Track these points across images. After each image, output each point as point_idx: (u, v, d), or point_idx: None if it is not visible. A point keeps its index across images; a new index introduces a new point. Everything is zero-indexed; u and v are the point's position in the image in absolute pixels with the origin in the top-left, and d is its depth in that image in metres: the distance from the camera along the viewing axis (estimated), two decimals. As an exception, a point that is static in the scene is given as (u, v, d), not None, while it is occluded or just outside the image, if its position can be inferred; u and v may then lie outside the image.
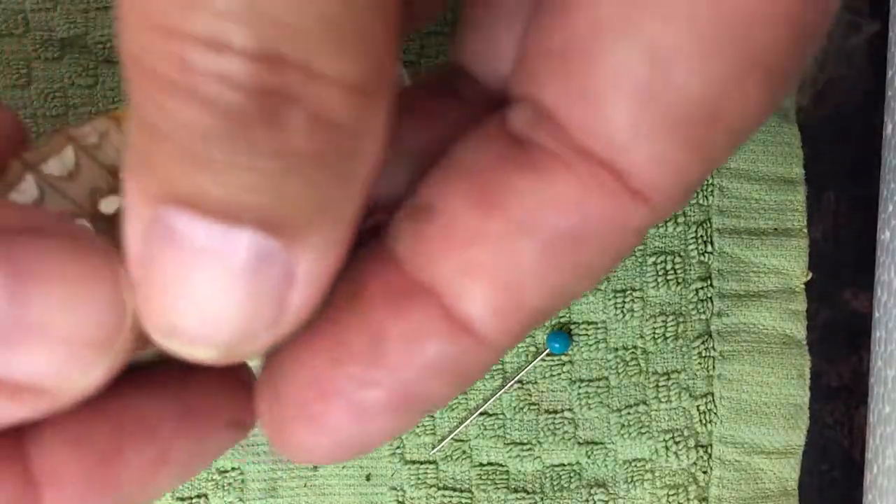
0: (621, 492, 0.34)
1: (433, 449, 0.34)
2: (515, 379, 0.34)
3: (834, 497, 0.36)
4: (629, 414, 0.34)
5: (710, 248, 0.34)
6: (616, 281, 0.34)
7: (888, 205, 0.33)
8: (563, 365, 0.34)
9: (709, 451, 0.34)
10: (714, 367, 0.34)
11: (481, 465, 0.34)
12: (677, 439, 0.34)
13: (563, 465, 0.34)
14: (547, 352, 0.34)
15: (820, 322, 0.36)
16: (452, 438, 0.34)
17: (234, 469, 0.35)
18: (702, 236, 0.34)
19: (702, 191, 0.34)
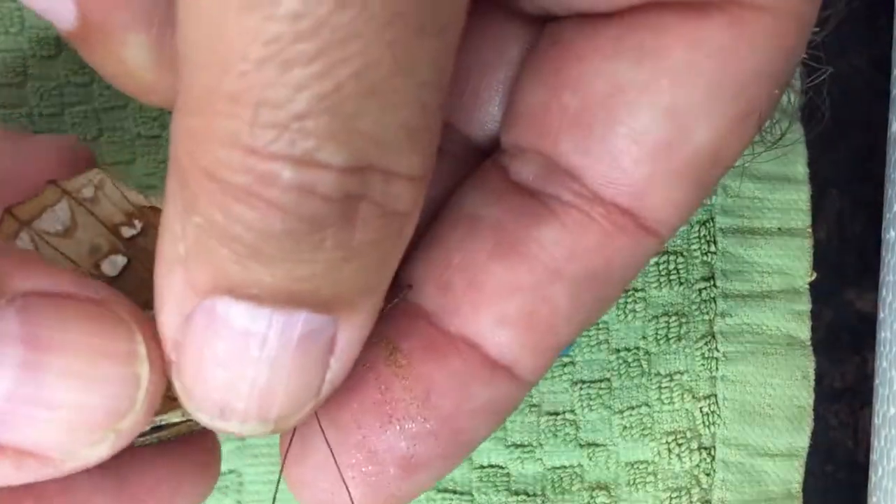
0: (623, 494, 0.34)
1: None
2: None
3: (838, 499, 0.36)
4: (631, 416, 0.34)
5: (713, 248, 0.34)
6: (618, 281, 0.34)
7: (893, 204, 0.33)
8: (565, 366, 0.34)
9: (712, 453, 0.34)
10: (717, 369, 0.34)
11: (482, 467, 0.34)
12: (680, 441, 0.34)
13: (565, 467, 0.34)
14: None
15: (824, 323, 0.35)
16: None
17: (231, 472, 0.34)
18: (705, 236, 0.34)
19: (705, 190, 0.34)
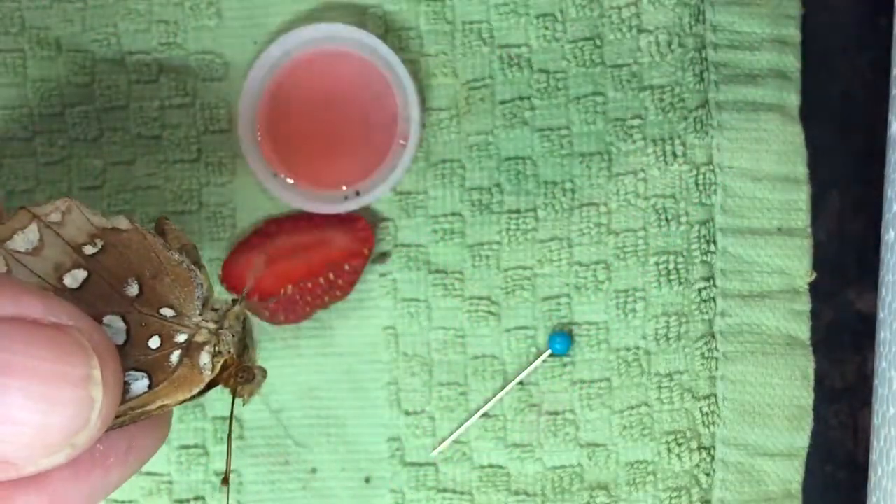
0: (623, 494, 0.34)
1: (433, 451, 0.34)
2: (516, 380, 0.34)
3: (838, 499, 0.36)
4: (631, 416, 0.34)
5: (712, 248, 0.34)
6: (618, 281, 0.34)
7: (893, 204, 0.33)
8: (565, 366, 0.34)
9: (712, 453, 0.34)
10: (717, 368, 0.34)
11: (481, 467, 0.34)
12: (680, 441, 0.34)
13: (565, 466, 0.34)
14: (548, 353, 0.34)
15: (824, 323, 0.35)
16: (453, 440, 0.34)
17: (231, 471, 0.34)
18: (704, 236, 0.34)
19: (704, 190, 0.34)
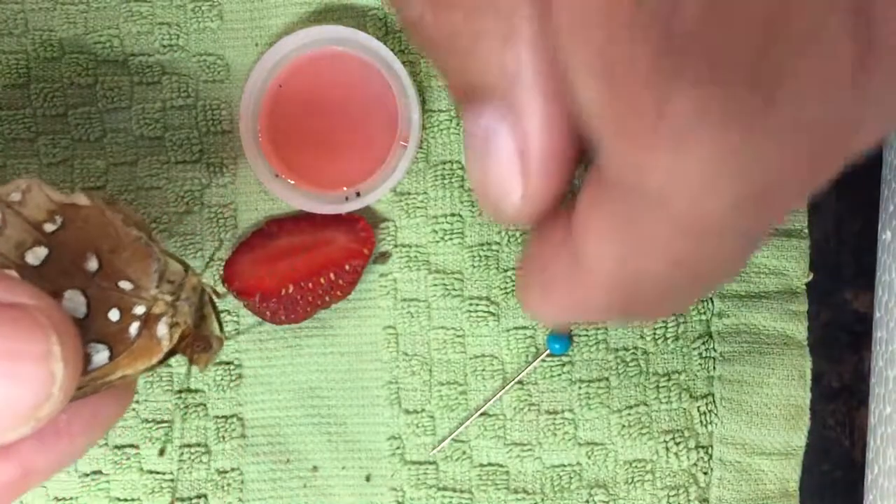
0: (622, 492, 0.34)
1: (433, 449, 0.34)
2: (515, 380, 0.34)
3: (835, 497, 0.36)
4: (629, 415, 0.34)
5: (710, 249, 0.34)
6: (616, 281, 0.34)
7: (889, 205, 0.33)
8: (564, 365, 0.34)
9: (709, 451, 0.34)
10: (714, 368, 0.34)
11: (481, 465, 0.34)
12: (678, 440, 0.34)
13: (564, 465, 0.34)
14: (547, 353, 0.34)
15: (821, 322, 0.36)
16: (452, 439, 0.34)
17: (233, 470, 0.35)
18: (702, 237, 0.34)
19: (702, 191, 0.34)
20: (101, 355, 0.24)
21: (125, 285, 0.24)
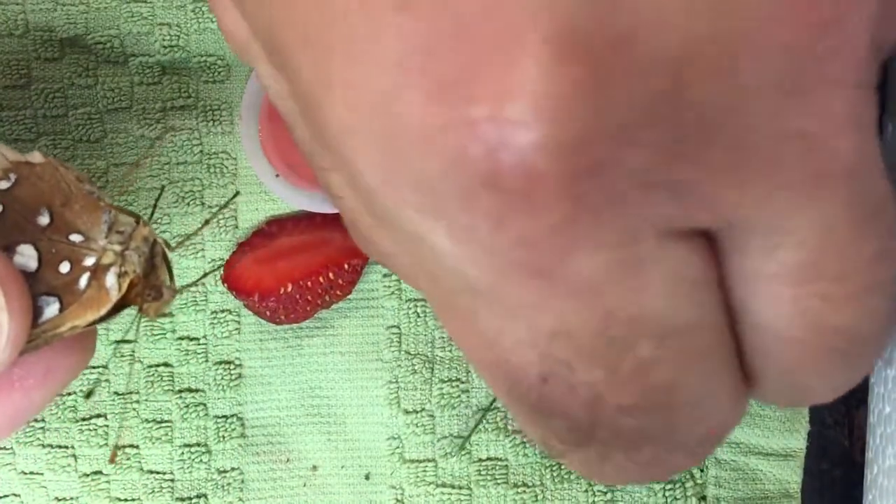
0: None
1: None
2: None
3: (834, 497, 0.36)
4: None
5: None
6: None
7: (888, 204, 0.33)
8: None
9: (707, 450, 0.34)
10: (714, 367, 0.34)
11: (480, 460, 0.34)
12: (677, 438, 0.34)
13: (564, 458, 0.34)
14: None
15: (820, 321, 0.36)
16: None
17: (233, 469, 0.35)
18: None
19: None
20: (52, 308, 0.24)
21: (76, 238, 0.25)
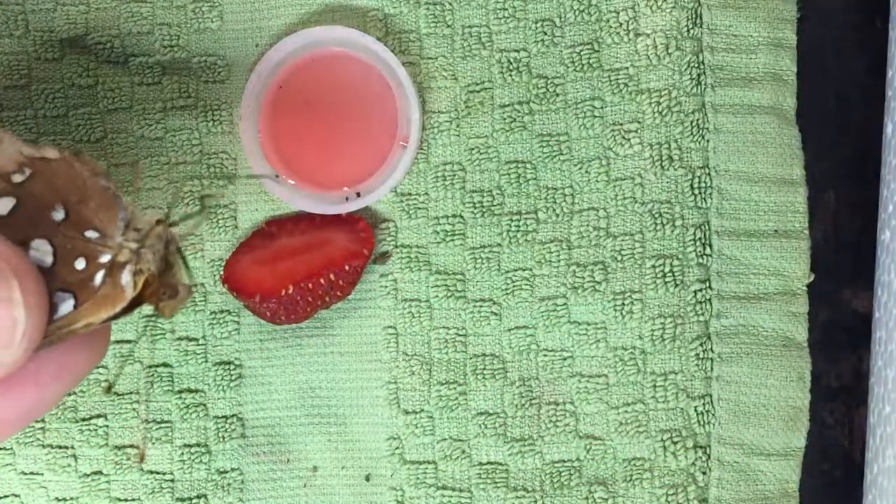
0: (621, 490, 0.34)
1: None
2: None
3: (834, 497, 0.36)
4: (627, 412, 0.34)
5: (708, 251, 0.34)
6: (615, 283, 0.34)
7: (888, 205, 0.33)
8: (565, 360, 0.34)
9: (707, 451, 0.34)
10: (712, 369, 0.34)
11: (480, 464, 0.35)
12: (675, 439, 0.34)
13: (563, 461, 0.34)
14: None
15: (820, 322, 0.36)
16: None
17: (233, 470, 0.35)
18: (700, 239, 0.34)
19: (700, 193, 0.34)
20: (67, 304, 0.24)
21: (91, 234, 0.25)
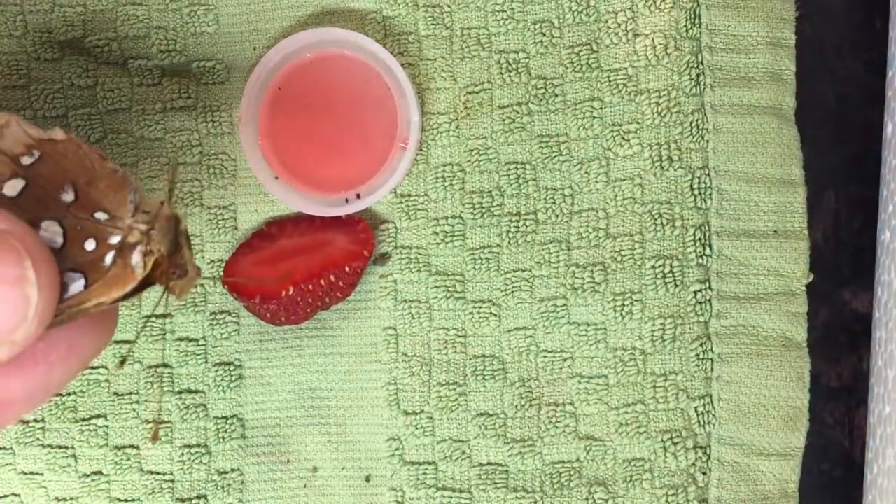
0: (620, 491, 0.34)
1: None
2: None
3: (834, 497, 0.36)
4: (626, 413, 0.34)
5: (708, 251, 0.34)
6: (615, 284, 0.34)
7: (888, 205, 0.33)
8: (565, 361, 0.34)
9: (707, 452, 0.34)
10: (712, 369, 0.34)
11: (481, 465, 0.35)
12: (675, 440, 0.34)
13: (563, 462, 0.34)
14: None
15: (820, 322, 0.36)
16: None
17: (233, 470, 0.35)
18: (700, 239, 0.34)
19: (700, 194, 0.34)
20: (77, 284, 0.24)
21: (101, 216, 0.25)
